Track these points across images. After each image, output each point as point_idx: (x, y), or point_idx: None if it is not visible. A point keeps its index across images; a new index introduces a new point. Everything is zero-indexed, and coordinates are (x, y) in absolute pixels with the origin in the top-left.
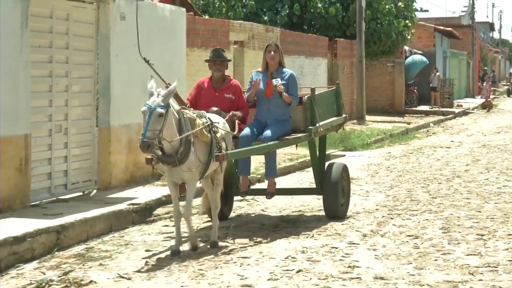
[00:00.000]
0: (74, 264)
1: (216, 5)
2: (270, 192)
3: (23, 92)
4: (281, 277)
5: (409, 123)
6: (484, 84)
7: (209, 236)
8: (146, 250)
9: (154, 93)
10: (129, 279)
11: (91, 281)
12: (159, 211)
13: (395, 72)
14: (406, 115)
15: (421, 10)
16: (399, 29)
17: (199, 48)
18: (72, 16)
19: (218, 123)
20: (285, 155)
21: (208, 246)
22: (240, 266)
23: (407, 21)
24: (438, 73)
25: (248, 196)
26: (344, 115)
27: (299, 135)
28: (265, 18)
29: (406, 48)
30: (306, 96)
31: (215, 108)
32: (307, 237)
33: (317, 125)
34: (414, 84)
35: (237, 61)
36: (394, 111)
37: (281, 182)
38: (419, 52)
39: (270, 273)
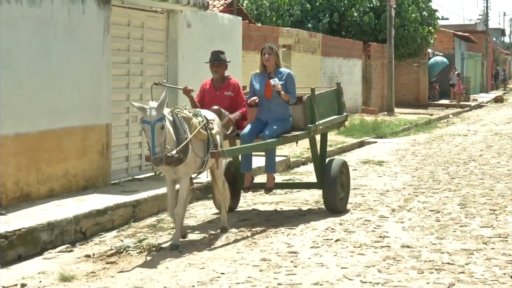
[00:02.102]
0: (147, 233)
1: (267, 14)
2: (269, 187)
3: (105, 88)
4: (322, 245)
5: (431, 115)
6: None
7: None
8: (208, 222)
9: (146, 108)
10: (194, 246)
11: (161, 248)
12: None
13: (420, 71)
14: (429, 107)
15: (442, 18)
16: (423, 35)
17: (253, 51)
18: (146, 24)
19: (214, 120)
20: None
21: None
22: (287, 235)
23: (430, 28)
24: (456, 72)
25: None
26: (345, 114)
27: (298, 133)
28: (309, 25)
29: (429, 50)
30: (306, 96)
31: (215, 107)
32: (344, 211)
33: (317, 123)
34: (436, 81)
35: (285, 62)
36: (419, 104)
37: None
38: (441, 54)
39: (313, 241)
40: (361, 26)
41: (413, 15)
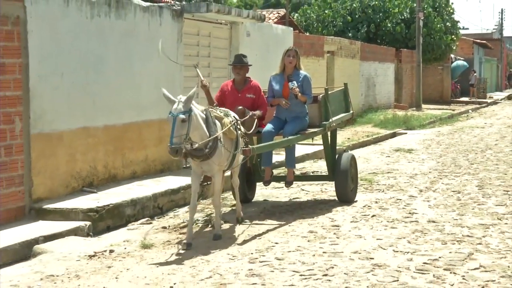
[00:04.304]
0: (213, 208)
1: (314, 25)
2: (289, 181)
3: (178, 88)
4: (360, 220)
5: (453, 110)
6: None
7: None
8: (264, 200)
9: (176, 101)
10: (252, 220)
11: (225, 221)
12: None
13: (444, 73)
14: (451, 104)
15: (463, 28)
16: (447, 42)
17: (301, 56)
18: (213, 34)
19: (240, 120)
20: (363, 132)
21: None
22: (331, 211)
23: (453, 36)
24: (475, 74)
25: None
26: (351, 111)
27: (315, 129)
28: (350, 34)
29: (452, 55)
30: (320, 95)
31: (240, 107)
32: (379, 191)
33: (331, 120)
34: (457, 82)
35: (329, 65)
36: (443, 101)
37: (360, 152)
38: (461, 58)
39: (352, 217)
40: (394, 35)
41: (438, 26)
